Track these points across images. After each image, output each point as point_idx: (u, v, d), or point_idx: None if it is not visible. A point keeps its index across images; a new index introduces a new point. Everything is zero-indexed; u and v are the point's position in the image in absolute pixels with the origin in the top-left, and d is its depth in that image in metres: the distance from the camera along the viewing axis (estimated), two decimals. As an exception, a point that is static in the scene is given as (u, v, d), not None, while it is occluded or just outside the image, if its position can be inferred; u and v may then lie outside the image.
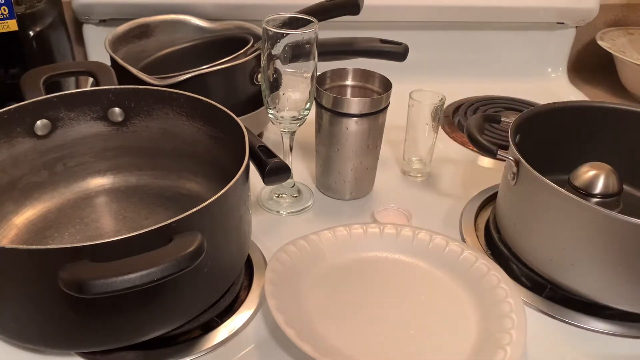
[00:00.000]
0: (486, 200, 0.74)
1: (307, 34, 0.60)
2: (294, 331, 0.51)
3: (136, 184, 0.68)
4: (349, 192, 0.74)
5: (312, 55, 0.63)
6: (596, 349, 0.56)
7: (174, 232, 0.43)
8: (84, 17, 0.94)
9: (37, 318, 0.47)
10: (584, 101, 0.84)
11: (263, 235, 0.66)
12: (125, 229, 0.62)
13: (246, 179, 0.54)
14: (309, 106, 0.66)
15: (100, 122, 0.64)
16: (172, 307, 0.50)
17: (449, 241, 0.63)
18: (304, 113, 0.66)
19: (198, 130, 0.63)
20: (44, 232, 0.61)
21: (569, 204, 0.55)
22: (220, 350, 0.54)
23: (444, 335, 0.55)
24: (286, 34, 0.60)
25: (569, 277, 0.58)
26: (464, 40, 1.06)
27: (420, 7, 1.00)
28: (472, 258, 0.62)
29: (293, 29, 0.61)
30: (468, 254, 0.62)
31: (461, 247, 0.63)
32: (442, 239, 0.63)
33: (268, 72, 0.63)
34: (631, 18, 1.14)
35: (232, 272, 0.56)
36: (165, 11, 0.87)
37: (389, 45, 0.74)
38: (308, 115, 0.67)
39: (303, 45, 0.61)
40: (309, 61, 0.63)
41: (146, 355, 0.52)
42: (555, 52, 1.11)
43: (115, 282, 0.39)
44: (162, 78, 0.71)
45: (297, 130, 0.68)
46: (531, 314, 0.59)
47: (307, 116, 0.67)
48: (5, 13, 0.70)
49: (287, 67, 0.62)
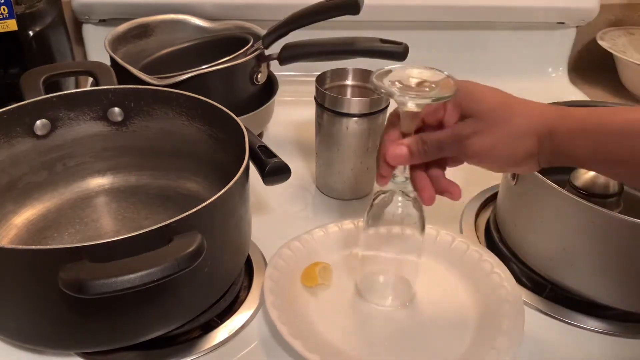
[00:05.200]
0: (486, 200, 0.74)
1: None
2: (299, 342, 0.51)
3: (136, 184, 0.68)
4: (349, 192, 0.74)
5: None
6: (596, 349, 0.56)
7: (174, 232, 0.43)
8: (84, 17, 0.94)
9: (37, 318, 0.47)
10: (584, 101, 0.85)
11: (263, 235, 0.65)
12: (125, 229, 0.62)
13: (246, 179, 0.53)
14: None
15: (100, 122, 0.64)
16: (172, 307, 0.50)
17: (439, 230, 0.64)
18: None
19: (198, 130, 0.63)
20: (44, 232, 0.61)
21: (569, 204, 0.55)
22: (220, 351, 0.54)
23: (443, 325, 0.56)
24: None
25: (569, 277, 0.58)
26: (464, 40, 1.06)
27: (420, 7, 0.99)
28: (463, 246, 0.63)
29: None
30: (459, 242, 0.63)
31: (452, 236, 0.64)
32: (431, 229, 0.63)
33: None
34: (632, 18, 1.14)
35: (232, 272, 0.56)
36: (165, 11, 0.87)
37: (389, 45, 0.73)
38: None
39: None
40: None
41: (146, 355, 0.52)
42: (555, 52, 1.10)
43: (115, 282, 0.39)
44: (162, 78, 0.71)
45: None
46: (531, 314, 0.58)
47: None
48: (4, 13, 0.70)
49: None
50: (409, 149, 0.47)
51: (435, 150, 0.47)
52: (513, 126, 0.45)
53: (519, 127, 0.45)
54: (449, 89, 0.45)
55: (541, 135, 0.45)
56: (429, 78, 0.46)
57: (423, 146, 0.47)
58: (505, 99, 0.47)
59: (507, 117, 0.45)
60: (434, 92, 0.45)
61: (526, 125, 0.45)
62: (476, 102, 0.46)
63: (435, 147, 0.47)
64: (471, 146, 0.46)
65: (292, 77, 0.94)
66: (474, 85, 0.47)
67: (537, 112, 0.46)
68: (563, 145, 0.44)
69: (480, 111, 0.45)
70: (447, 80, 0.46)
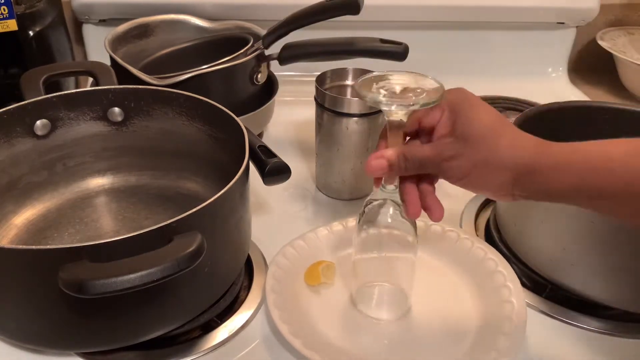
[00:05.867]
0: (486, 200, 0.74)
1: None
2: (299, 340, 0.51)
3: (136, 184, 0.68)
4: (349, 192, 0.74)
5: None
6: (596, 349, 0.56)
7: (174, 232, 0.43)
8: (84, 17, 0.94)
9: (37, 318, 0.47)
10: (584, 101, 0.85)
11: (263, 235, 0.65)
12: (125, 229, 0.62)
13: (246, 179, 0.53)
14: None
15: (100, 122, 0.64)
16: (172, 308, 0.50)
17: (445, 228, 0.64)
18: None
19: (198, 130, 0.63)
20: (44, 232, 0.61)
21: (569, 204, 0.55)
22: (220, 351, 0.54)
23: (444, 323, 0.56)
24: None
25: (569, 277, 0.58)
26: (464, 40, 1.06)
27: (420, 7, 0.99)
28: (468, 243, 0.62)
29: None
30: (464, 239, 0.63)
31: (457, 233, 0.64)
32: (437, 226, 0.63)
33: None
34: (631, 18, 1.14)
35: (232, 272, 0.56)
36: (165, 11, 0.87)
37: (389, 45, 0.73)
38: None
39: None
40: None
41: (146, 355, 0.52)
42: (555, 52, 1.10)
43: (115, 282, 0.39)
44: (162, 78, 0.71)
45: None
46: (531, 314, 0.58)
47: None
48: (5, 13, 0.70)
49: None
50: (388, 162, 0.47)
51: (415, 168, 0.47)
52: (493, 157, 0.44)
53: (499, 160, 0.44)
54: (435, 95, 0.45)
55: (520, 172, 0.44)
56: (416, 84, 0.46)
57: (404, 162, 0.46)
58: (492, 123, 0.45)
59: (490, 147, 0.44)
60: (420, 97, 0.45)
61: (507, 159, 0.44)
62: (468, 121, 0.45)
63: (417, 164, 0.46)
64: (448, 169, 0.45)
65: (292, 77, 0.94)
66: (470, 101, 0.46)
67: (518, 144, 0.45)
68: (544, 182, 0.44)
69: (467, 133, 0.45)
70: (435, 86, 0.46)
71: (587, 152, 0.43)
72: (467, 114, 0.45)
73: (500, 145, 0.44)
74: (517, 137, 0.45)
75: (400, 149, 0.47)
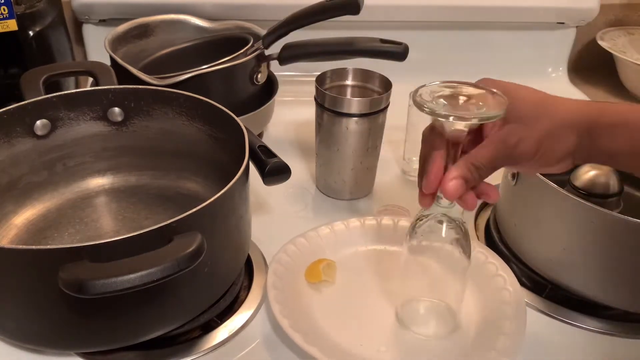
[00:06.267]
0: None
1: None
2: (300, 335, 0.51)
3: (136, 184, 0.68)
4: (349, 192, 0.74)
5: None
6: (596, 349, 0.56)
7: (174, 232, 0.43)
8: (84, 17, 0.94)
9: (37, 318, 0.47)
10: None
11: (263, 235, 0.66)
12: (125, 229, 0.62)
13: (246, 179, 0.53)
14: None
15: (100, 122, 0.64)
16: (172, 308, 0.50)
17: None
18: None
19: (198, 130, 0.63)
20: (44, 232, 0.61)
21: (569, 204, 0.55)
22: (220, 351, 0.54)
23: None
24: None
25: (569, 277, 0.58)
26: (464, 40, 1.06)
27: (420, 7, 0.99)
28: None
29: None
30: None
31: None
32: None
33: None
34: (631, 18, 1.14)
35: (232, 272, 0.56)
36: (165, 11, 0.87)
37: (389, 45, 0.73)
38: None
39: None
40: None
41: (146, 355, 0.52)
42: (555, 52, 1.10)
43: (115, 282, 0.39)
44: (162, 78, 0.71)
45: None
46: (531, 314, 0.58)
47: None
48: (4, 13, 0.70)
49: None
50: (464, 179, 0.45)
51: (488, 171, 0.46)
52: (553, 122, 0.44)
53: (560, 122, 0.44)
54: (500, 106, 0.43)
55: (580, 130, 0.44)
56: (471, 93, 0.45)
57: (477, 171, 0.45)
58: (539, 97, 0.46)
59: (545, 114, 0.44)
60: (482, 110, 0.43)
61: (567, 120, 0.44)
62: (516, 103, 0.44)
63: (489, 167, 0.45)
64: (519, 155, 0.45)
65: (292, 77, 0.94)
66: (505, 84, 0.46)
67: (574, 108, 0.45)
68: (601, 140, 0.44)
69: (519, 114, 0.44)
70: (493, 96, 0.44)
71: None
72: (509, 97, 0.44)
73: (558, 113, 0.45)
74: (569, 103, 0.46)
75: (465, 161, 0.45)
